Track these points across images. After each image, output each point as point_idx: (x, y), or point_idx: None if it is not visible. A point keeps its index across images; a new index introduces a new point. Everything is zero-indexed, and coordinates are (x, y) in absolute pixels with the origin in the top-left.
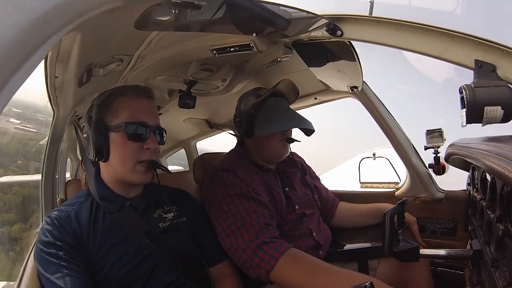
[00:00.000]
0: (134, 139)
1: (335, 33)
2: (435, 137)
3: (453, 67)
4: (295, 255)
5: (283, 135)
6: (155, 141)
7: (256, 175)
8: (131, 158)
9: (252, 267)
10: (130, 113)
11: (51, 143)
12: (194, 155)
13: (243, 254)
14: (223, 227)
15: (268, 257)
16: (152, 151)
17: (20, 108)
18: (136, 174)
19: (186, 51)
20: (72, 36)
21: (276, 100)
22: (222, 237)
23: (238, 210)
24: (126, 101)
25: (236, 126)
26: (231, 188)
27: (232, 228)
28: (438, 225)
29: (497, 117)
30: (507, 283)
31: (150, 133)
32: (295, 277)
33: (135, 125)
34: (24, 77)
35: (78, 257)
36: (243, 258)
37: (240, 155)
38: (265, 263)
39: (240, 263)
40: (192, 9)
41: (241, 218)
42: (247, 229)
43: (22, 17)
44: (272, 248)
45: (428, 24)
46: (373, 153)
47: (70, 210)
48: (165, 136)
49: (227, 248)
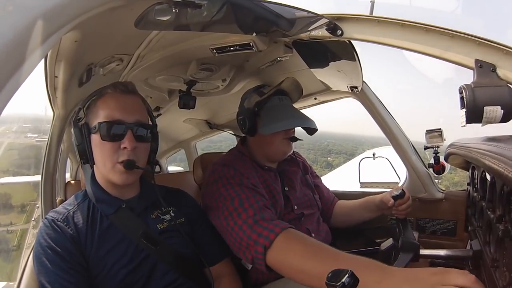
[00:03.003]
0: (109, 139)
1: (336, 32)
2: (435, 137)
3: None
4: (297, 234)
5: (287, 133)
6: (131, 139)
7: (257, 173)
8: (108, 159)
9: (249, 246)
10: (106, 113)
11: (51, 144)
12: (194, 155)
13: (240, 232)
14: (222, 210)
15: (267, 231)
16: (129, 150)
17: (29, 122)
18: (116, 175)
19: (186, 51)
20: (72, 35)
21: (280, 99)
22: (221, 220)
23: (238, 193)
24: (104, 100)
25: (239, 124)
26: (232, 179)
27: (230, 209)
28: (438, 225)
29: (497, 117)
30: (507, 283)
31: (128, 131)
32: (296, 256)
33: (109, 124)
34: (24, 77)
35: (76, 262)
36: (240, 236)
37: (241, 153)
38: (263, 238)
39: (236, 245)
40: (192, 8)
41: (239, 200)
42: (245, 208)
43: (22, 16)
44: (272, 224)
45: (429, 24)
46: (373, 153)
47: (67, 212)
48: (149, 131)
49: (225, 229)
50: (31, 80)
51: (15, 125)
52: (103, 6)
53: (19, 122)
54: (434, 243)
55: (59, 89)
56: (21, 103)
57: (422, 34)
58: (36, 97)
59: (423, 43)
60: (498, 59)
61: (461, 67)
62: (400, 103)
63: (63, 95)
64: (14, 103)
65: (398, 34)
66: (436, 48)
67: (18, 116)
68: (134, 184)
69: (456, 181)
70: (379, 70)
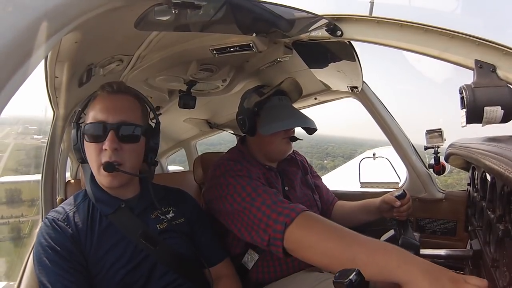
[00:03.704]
0: (92, 140)
1: (335, 33)
2: (435, 137)
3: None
4: (317, 216)
5: (286, 133)
6: (111, 140)
7: (260, 170)
8: (93, 160)
9: (267, 226)
10: (92, 114)
11: (51, 143)
12: (194, 155)
13: (258, 213)
14: (234, 197)
15: (288, 210)
16: (110, 151)
17: (33, 124)
18: (102, 177)
19: (186, 51)
20: (72, 36)
21: (279, 99)
22: (233, 207)
23: (248, 183)
24: (93, 102)
25: (238, 124)
26: (239, 172)
27: (243, 195)
28: (438, 225)
29: (497, 117)
30: (507, 283)
31: (109, 132)
32: (317, 235)
33: (91, 125)
34: (24, 77)
35: (76, 262)
36: (258, 218)
37: (242, 152)
38: (283, 216)
39: (254, 228)
40: (192, 9)
41: (252, 188)
42: (259, 193)
43: (22, 16)
44: (292, 204)
45: (428, 24)
46: (373, 153)
47: (68, 211)
48: (138, 131)
49: (238, 214)
50: (35, 81)
51: (20, 126)
52: (103, 7)
53: (24, 124)
54: (434, 243)
55: (59, 89)
56: (25, 104)
57: (422, 35)
58: (40, 98)
59: (423, 44)
60: (498, 60)
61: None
62: (400, 102)
63: (63, 95)
64: (19, 105)
65: (398, 35)
66: (435, 48)
67: (22, 117)
68: (134, 184)
69: (449, 183)
70: (377, 69)
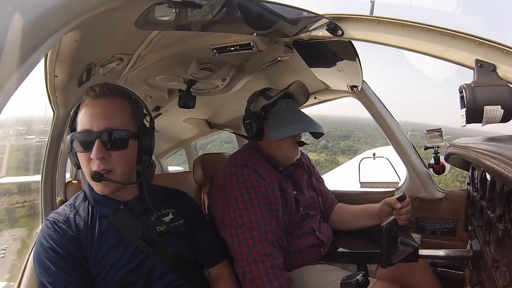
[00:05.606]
0: (80, 150)
1: (336, 32)
2: (435, 137)
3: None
4: None
5: (294, 138)
6: (99, 149)
7: (273, 175)
8: (85, 169)
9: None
10: (79, 121)
11: (51, 144)
12: (194, 155)
13: (252, 265)
14: (235, 226)
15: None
16: (97, 160)
17: (23, 124)
18: (94, 185)
19: (186, 51)
20: (72, 35)
21: (287, 102)
22: (232, 235)
23: (255, 218)
24: (81, 108)
25: (245, 128)
26: (251, 189)
27: (242, 233)
28: (438, 225)
29: (497, 117)
30: (507, 283)
31: (96, 140)
32: None
33: (78, 134)
34: (23, 77)
35: (77, 263)
36: (250, 269)
37: (256, 150)
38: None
39: (244, 265)
40: (192, 8)
41: (254, 227)
42: (261, 233)
43: (21, 16)
44: (283, 278)
45: (429, 24)
46: (373, 153)
47: (68, 213)
48: (126, 136)
49: (236, 245)
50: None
51: (12, 128)
52: (104, 6)
53: (16, 125)
54: (434, 243)
55: (59, 88)
56: (14, 105)
57: (422, 34)
58: (28, 98)
59: (423, 43)
60: (498, 59)
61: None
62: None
63: (63, 95)
64: (8, 105)
65: (398, 34)
66: (436, 48)
67: (13, 118)
68: (132, 186)
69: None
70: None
